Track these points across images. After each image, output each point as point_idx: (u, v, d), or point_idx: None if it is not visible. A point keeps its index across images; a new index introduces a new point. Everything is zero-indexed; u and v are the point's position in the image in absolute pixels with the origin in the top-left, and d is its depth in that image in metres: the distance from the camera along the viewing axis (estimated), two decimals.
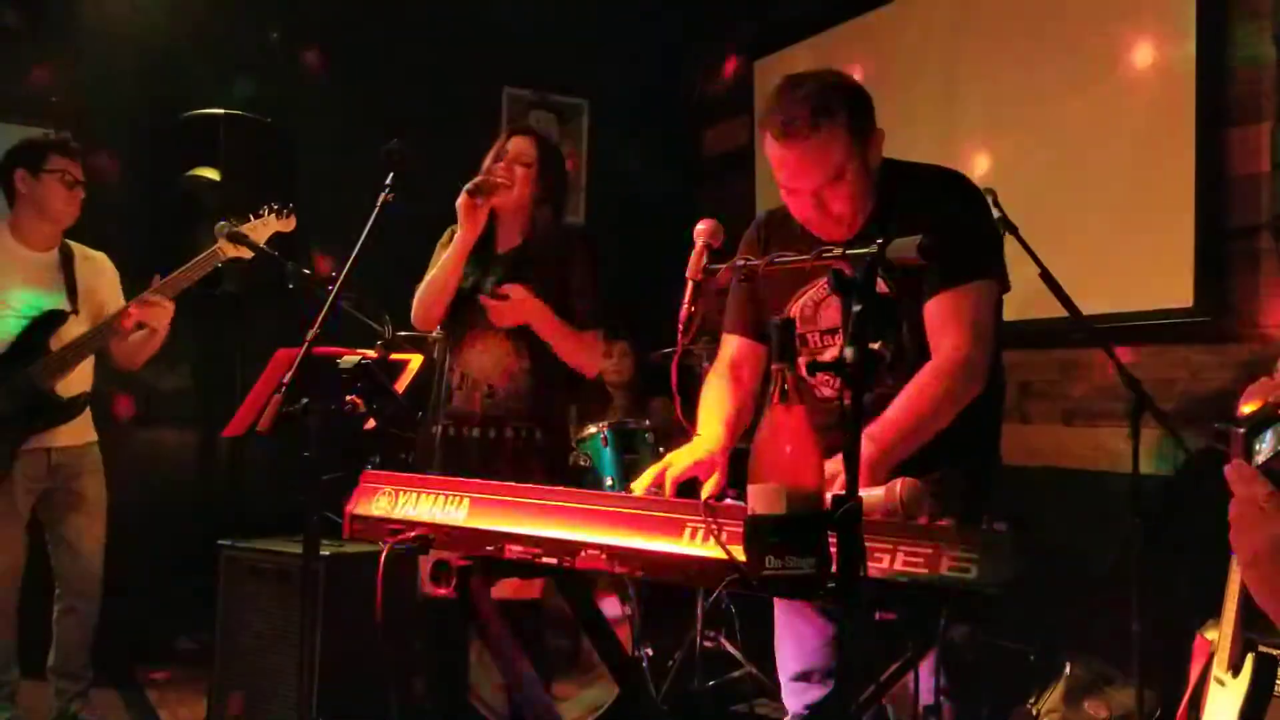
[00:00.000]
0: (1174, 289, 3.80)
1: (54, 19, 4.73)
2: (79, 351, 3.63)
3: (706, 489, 2.14)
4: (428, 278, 3.26)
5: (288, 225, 3.71)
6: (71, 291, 3.72)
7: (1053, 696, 3.49)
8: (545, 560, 1.90)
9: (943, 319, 2.14)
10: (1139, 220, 3.96)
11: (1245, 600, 2.56)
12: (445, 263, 3.22)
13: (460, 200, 3.17)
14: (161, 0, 4.98)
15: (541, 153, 3.29)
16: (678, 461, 2.16)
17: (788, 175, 2.16)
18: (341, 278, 2.83)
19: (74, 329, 3.68)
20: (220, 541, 3.86)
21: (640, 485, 2.14)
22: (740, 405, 2.37)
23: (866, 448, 1.94)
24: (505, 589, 3.04)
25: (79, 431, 3.77)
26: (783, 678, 2.41)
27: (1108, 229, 4.07)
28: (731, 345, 2.47)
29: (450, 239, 3.33)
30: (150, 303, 3.62)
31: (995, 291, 2.21)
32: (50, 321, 3.66)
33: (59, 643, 3.80)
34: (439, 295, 3.24)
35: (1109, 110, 4.07)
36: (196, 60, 4.95)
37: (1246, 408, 1.43)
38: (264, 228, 3.68)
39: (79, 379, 3.73)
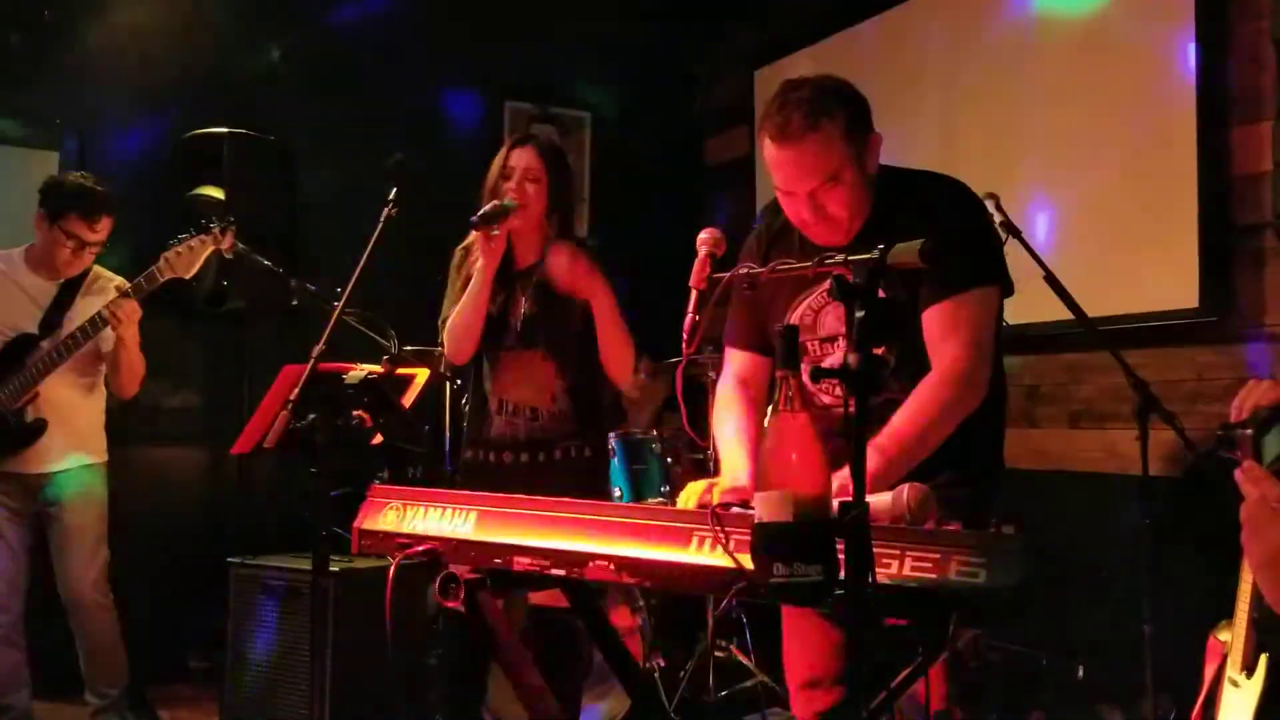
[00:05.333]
0: (1178, 289, 3.79)
1: (58, 39, 4.76)
2: (38, 371, 3.63)
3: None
4: (453, 314, 3.15)
5: (223, 243, 3.65)
6: (50, 318, 3.72)
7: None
8: (554, 572, 1.89)
9: (942, 329, 2.13)
10: (1142, 222, 3.96)
11: (1258, 601, 2.55)
12: (470, 297, 3.10)
13: (474, 233, 3.08)
14: (164, 20, 5.00)
15: (549, 164, 3.17)
16: (718, 489, 2.13)
17: (784, 177, 2.16)
18: (346, 293, 2.83)
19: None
20: (230, 559, 3.87)
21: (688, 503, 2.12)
22: (758, 424, 2.36)
23: (871, 461, 1.94)
24: (544, 595, 3.04)
25: (52, 458, 3.73)
26: (791, 686, 2.40)
27: (1110, 231, 4.07)
28: (736, 360, 2.46)
29: (462, 260, 3.24)
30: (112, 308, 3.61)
31: (995, 298, 2.21)
32: (19, 346, 3.68)
33: (81, 661, 3.82)
34: (469, 330, 3.12)
35: (1109, 112, 4.07)
36: (200, 81, 4.97)
37: (1244, 409, 1.43)
38: (198, 249, 3.63)
39: (49, 404, 3.69)
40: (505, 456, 3.16)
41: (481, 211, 3.04)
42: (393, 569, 2.09)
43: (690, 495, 2.13)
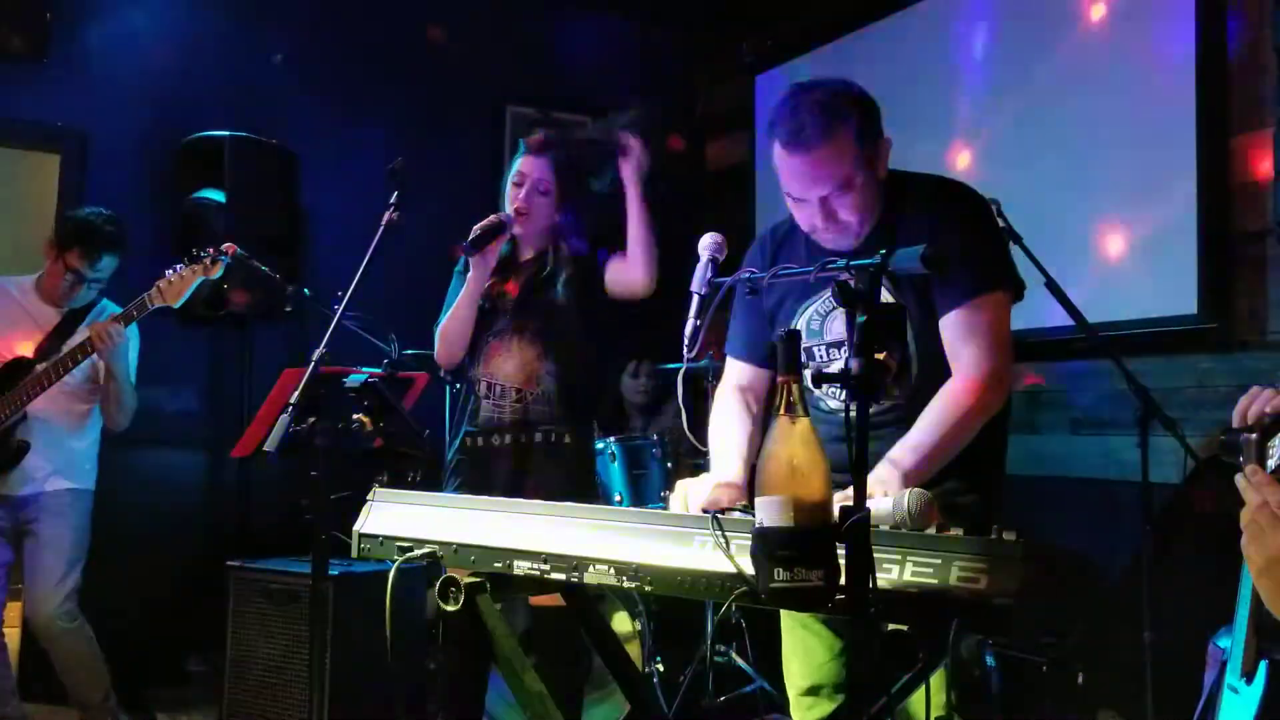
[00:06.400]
0: (1179, 296, 3.79)
1: (59, 43, 4.76)
2: (28, 394, 3.64)
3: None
4: (446, 319, 3.25)
5: (213, 272, 3.67)
6: (48, 345, 3.74)
7: None
8: (554, 576, 1.89)
9: (962, 334, 2.13)
10: (1143, 228, 3.96)
11: (1258, 607, 2.55)
12: (460, 306, 3.21)
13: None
14: (166, 24, 5.00)
15: (562, 178, 3.27)
16: (703, 490, 2.15)
17: (796, 184, 2.15)
18: (347, 297, 2.84)
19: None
20: (229, 562, 3.87)
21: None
22: (752, 433, 2.37)
23: (892, 472, 1.94)
24: (545, 596, 3.05)
25: (35, 480, 3.74)
26: (791, 693, 2.40)
27: (1111, 237, 4.07)
28: (735, 369, 2.46)
29: (466, 267, 3.32)
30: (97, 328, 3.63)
31: (1009, 301, 2.22)
32: (14, 369, 3.69)
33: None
34: (459, 337, 3.24)
35: (1110, 119, 4.07)
36: (201, 84, 4.97)
37: (1247, 415, 1.43)
38: (187, 278, 3.64)
39: (41, 428, 3.71)
40: (493, 439, 3.24)
41: (474, 236, 3.13)
42: (393, 573, 2.09)
43: (681, 493, 2.14)
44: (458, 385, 3.53)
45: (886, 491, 1.84)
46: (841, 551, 1.48)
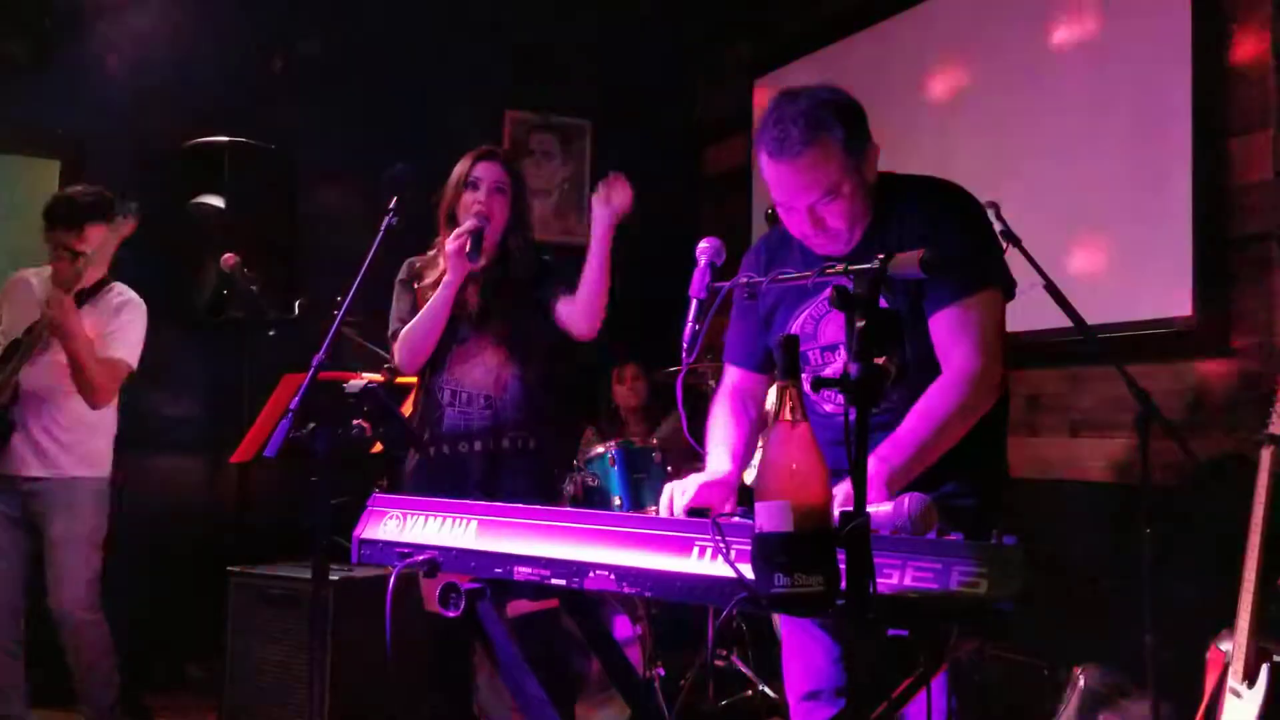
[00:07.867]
0: (1178, 299, 3.79)
1: (58, 49, 4.76)
2: (11, 370, 3.65)
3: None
4: (411, 324, 3.21)
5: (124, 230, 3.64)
6: (39, 323, 3.71)
7: (1067, 710, 3.46)
8: (554, 582, 1.89)
9: (952, 333, 2.13)
10: (1142, 230, 3.95)
11: (1259, 610, 2.55)
12: (432, 310, 3.17)
13: (452, 248, 3.14)
14: (165, 29, 5.01)
15: (514, 178, 3.31)
16: (689, 488, 2.16)
17: (783, 192, 2.15)
18: (346, 302, 2.83)
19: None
20: (229, 567, 3.87)
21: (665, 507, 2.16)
22: (748, 435, 2.37)
23: (879, 467, 1.94)
24: (522, 604, 3.05)
25: (40, 464, 3.72)
26: (791, 698, 2.39)
27: (1110, 240, 4.07)
28: (733, 374, 2.47)
29: (410, 274, 3.32)
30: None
31: (1001, 301, 2.21)
32: (11, 349, 3.71)
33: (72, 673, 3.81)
34: (426, 342, 3.20)
35: (1108, 120, 4.07)
36: (201, 89, 4.98)
37: None
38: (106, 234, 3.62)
39: (53, 412, 3.71)
40: (460, 447, 3.22)
41: (471, 246, 3.12)
42: (393, 578, 2.09)
43: (667, 496, 2.16)
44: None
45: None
46: (842, 557, 1.48)
